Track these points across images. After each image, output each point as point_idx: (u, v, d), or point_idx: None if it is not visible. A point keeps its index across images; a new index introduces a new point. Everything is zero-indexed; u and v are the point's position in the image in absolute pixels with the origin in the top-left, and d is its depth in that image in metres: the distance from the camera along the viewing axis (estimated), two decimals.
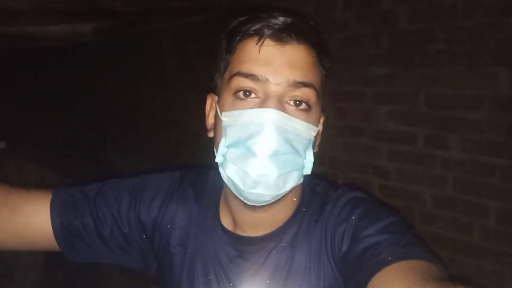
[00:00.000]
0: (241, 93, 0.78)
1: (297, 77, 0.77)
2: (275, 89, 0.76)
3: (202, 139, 3.58)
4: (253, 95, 0.78)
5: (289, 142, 0.76)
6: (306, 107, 0.78)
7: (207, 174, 0.97)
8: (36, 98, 5.80)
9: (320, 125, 0.85)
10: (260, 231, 0.85)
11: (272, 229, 0.85)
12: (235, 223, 0.87)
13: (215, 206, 0.91)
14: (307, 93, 0.78)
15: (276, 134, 0.74)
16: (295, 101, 0.78)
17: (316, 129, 0.81)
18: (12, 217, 0.87)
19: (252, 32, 0.78)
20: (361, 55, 2.42)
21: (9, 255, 2.85)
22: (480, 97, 1.99)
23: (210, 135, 0.88)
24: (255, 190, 0.76)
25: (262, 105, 0.76)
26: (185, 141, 3.93)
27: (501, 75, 1.91)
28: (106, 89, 4.93)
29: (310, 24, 0.82)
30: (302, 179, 0.82)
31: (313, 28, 0.82)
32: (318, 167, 0.82)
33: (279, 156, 0.75)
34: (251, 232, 0.86)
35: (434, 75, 2.13)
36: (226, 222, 0.89)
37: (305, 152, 0.80)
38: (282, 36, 0.77)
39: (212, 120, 0.88)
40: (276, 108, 0.75)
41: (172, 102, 3.99)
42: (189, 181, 0.96)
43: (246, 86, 0.77)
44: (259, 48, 0.77)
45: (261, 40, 0.77)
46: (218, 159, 0.81)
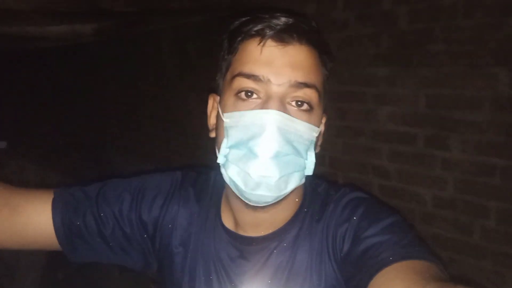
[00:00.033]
0: (243, 93, 0.78)
1: (299, 77, 0.76)
2: (277, 90, 0.76)
3: (202, 139, 3.58)
4: (255, 96, 0.77)
5: (291, 143, 0.76)
6: (308, 108, 0.78)
7: (208, 174, 0.97)
8: (36, 98, 5.80)
9: (322, 125, 0.85)
10: (262, 231, 0.85)
11: (274, 229, 0.85)
12: (236, 223, 0.87)
13: (217, 206, 0.91)
14: (309, 93, 0.78)
15: (278, 135, 0.74)
16: (297, 102, 0.78)
17: (318, 130, 0.81)
18: (13, 217, 0.87)
19: (254, 33, 0.78)
20: (361, 55, 2.42)
21: (10, 255, 2.86)
22: (480, 97, 1.99)
23: (211, 135, 0.88)
24: (257, 192, 0.76)
25: (264, 106, 0.76)
26: (185, 141, 3.93)
27: (501, 75, 1.91)
28: (106, 89, 4.93)
29: (312, 25, 0.82)
30: (303, 180, 0.81)
31: (314, 29, 0.81)
32: (318, 167, 0.82)
33: (281, 158, 0.75)
34: (253, 232, 0.86)
35: (434, 76, 2.13)
36: (227, 222, 0.89)
37: (307, 153, 0.79)
38: (284, 37, 0.77)
39: (214, 120, 0.88)
40: (278, 109, 0.75)
41: (172, 102, 3.99)
42: (190, 181, 0.96)
43: (248, 86, 0.77)
44: (261, 49, 0.77)
45: (263, 41, 0.77)
46: (220, 160, 0.80)
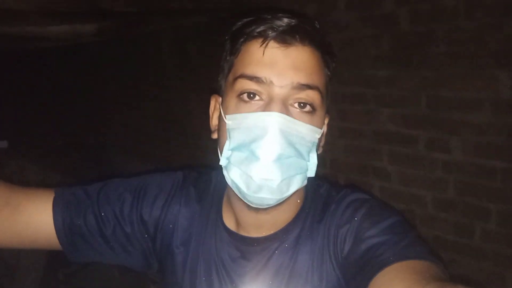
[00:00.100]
0: (245, 95, 0.78)
1: (301, 79, 0.76)
2: (279, 92, 0.76)
3: (202, 140, 3.58)
4: (257, 98, 0.77)
5: (293, 145, 0.76)
6: (310, 110, 0.78)
7: (209, 174, 0.97)
8: (36, 98, 5.80)
9: (324, 126, 0.84)
10: (263, 232, 0.85)
11: (275, 230, 0.85)
12: (238, 223, 0.87)
13: (218, 207, 0.91)
14: (311, 95, 0.77)
15: (280, 138, 0.74)
16: (299, 104, 0.77)
17: (320, 131, 0.81)
18: (14, 216, 0.87)
19: (256, 34, 0.78)
20: (362, 56, 2.42)
21: (10, 255, 2.85)
22: (481, 99, 1.99)
23: (214, 136, 0.88)
24: (259, 194, 0.76)
25: (266, 108, 0.76)
26: (185, 141, 3.92)
27: (502, 76, 1.91)
28: (106, 89, 4.93)
29: (315, 26, 0.81)
30: (305, 182, 0.81)
31: (317, 30, 0.81)
32: (319, 168, 0.82)
33: (283, 160, 0.75)
34: (254, 233, 0.86)
35: (435, 77, 2.13)
36: (229, 222, 0.89)
37: (309, 155, 0.79)
38: (286, 38, 0.77)
39: (216, 121, 0.88)
40: (280, 111, 0.75)
41: (173, 102, 3.99)
42: (192, 181, 0.95)
43: (250, 88, 0.77)
44: (263, 50, 0.77)
45: (265, 42, 0.77)
46: (222, 162, 0.80)
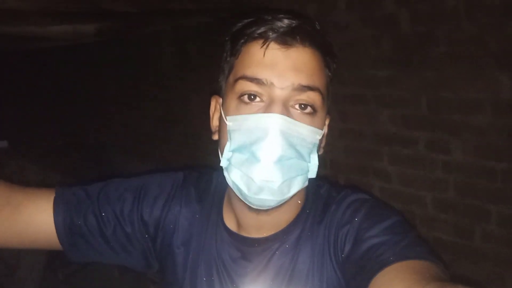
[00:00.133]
0: (246, 97, 0.77)
1: (302, 80, 0.76)
2: (280, 93, 0.76)
3: (202, 140, 3.58)
4: (257, 99, 0.77)
5: (294, 147, 0.76)
6: (311, 111, 0.78)
7: (210, 174, 0.97)
8: (37, 98, 5.81)
9: (325, 127, 0.84)
10: (264, 233, 0.85)
11: (276, 230, 0.85)
12: (238, 224, 0.87)
13: (218, 207, 0.91)
14: (312, 96, 0.77)
15: (281, 139, 0.74)
16: (300, 105, 0.77)
17: (321, 132, 0.81)
18: (15, 215, 0.87)
19: (257, 35, 0.78)
20: (362, 57, 2.42)
21: (10, 255, 2.85)
22: (481, 99, 1.99)
23: (214, 137, 0.88)
24: (260, 196, 0.76)
25: (267, 110, 0.75)
26: (185, 142, 3.92)
27: (503, 78, 1.91)
28: (106, 89, 4.93)
29: (315, 26, 0.81)
30: (306, 183, 0.81)
31: (318, 30, 0.81)
32: (319, 169, 0.82)
33: (284, 162, 0.75)
34: (255, 234, 0.86)
35: (436, 78, 2.13)
36: (229, 223, 0.89)
37: (310, 156, 0.79)
38: (287, 39, 0.76)
39: (217, 122, 0.87)
40: (281, 113, 0.74)
41: (173, 102, 3.99)
42: (192, 182, 0.95)
43: (251, 90, 0.77)
44: (264, 52, 0.76)
45: (266, 44, 0.76)
46: (223, 163, 0.80)
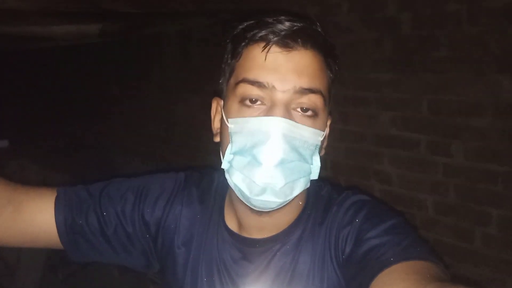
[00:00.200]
0: (247, 100, 0.77)
1: (304, 83, 0.76)
2: (282, 97, 0.75)
3: (202, 141, 3.58)
4: (259, 102, 0.77)
5: (296, 149, 0.75)
6: (313, 113, 0.78)
7: (211, 175, 0.97)
8: (38, 98, 5.82)
9: (327, 128, 0.84)
10: (265, 234, 0.85)
11: (277, 231, 0.85)
12: (240, 225, 0.87)
13: (220, 208, 0.91)
14: (313, 99, 0.77)
15: (283, 143, 0.74)
16: (302, 108, 0.77)
17: (323, 134, 0.81)
18: (16, 214, 0.87)
19: (258, 38, 0.77)
20: (364, 59, 2.42)
21: (10, 255, 2.85)
22: (483, 103, 1.99)
23: (216, 139, 0.88)
24: (262, 197, 0.75)
25: (269, 113, 0.75)
26: (186, 143, 3.93)
27: (505, 81, 1.91)
28: (108, 89, 4.94)
29: (317, 28, 0.81)
30: (309, 184, 0.81)
31: (319, 32, 0.81)
32: (320, 170, 0.82)
33: (286, 164, 0.75)
34: (256, 234, 0.86)
35: (437, 81, 2.14)
36: (230, 223, 0.89)
37: (312, 158, 0.79)
38: (289, 42, 0.76)
39: (218, 124, 0.87)
40: (283, 116, 0.74)
41: (174, 103, 3.99)
42: (194, 182, 0.95)
43: (252, 94, 0.76)
44: (265, 55, 0.76)
45: (268, 47, 0.76)
46: (224, 165, 0.80)
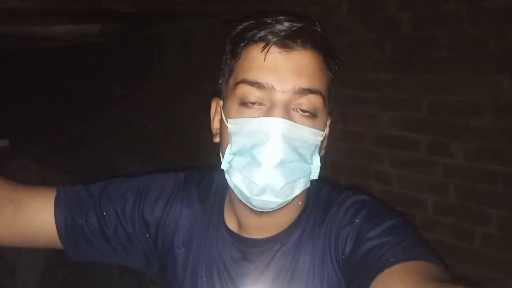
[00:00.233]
0: (247, 101, 0.77)
1: (303, 84, 0.76)
2: (281, 97, 0.75)
3: (202, 141, 3.58)
4: (258, 103, 0.77)
5: (296, 150, 0.75)
6: (312, 114, 0.78)
7: (211, 175, 0.97)
8: (38, 98, 5.82)
9: (326, 128, 0.84)
10: (265, 234, 0.85)
11: (277, 231, 0.85)
12: (239, 225, 0.87)
13: (220, 208, 0.91)
14: (313, 100, 0.77)
15: (283, 143, 0.74)
16: (301, 108, 0.77)
17: (323, 134, 0.81)
18: (16, 213, 0.87)
19: (257, 39, 0.77)
20: (364, 59, 2.42)
21: (10, 255, 2.86)
22: (483, 103, 1.99)
23: (215, 140, 0.88)
24: (262, 197, 0.75)
25: (268, 113, 0.75)
26: (186, 143, 3.93)
27: (505, 81, 1.91)
28: (108, 89, 4.94)
29: (316, 28, 0.81)
30: (309, 185, 0.81)
31: (319, 32, 0.80)
32: (320, 170, 0.82)
33: (286, 165, 0.75)
34: (256, 235, 0.86)
35: (437, 81, 2.14)
36: (230, 223, 0.89)
37: (312, 158, 0.79)
38: (288, 43, 0.76)
39: (218, 125, 0.87)
40: (283, 117, 0.74)
41: (174, 103, 4.00)
42: (194, 182, 0.95)
43: (252, 95, 0.76)
44: (264, 56, 0.76)
45: (267, 48, 0.76)
46: (224, 166, 0.80)
